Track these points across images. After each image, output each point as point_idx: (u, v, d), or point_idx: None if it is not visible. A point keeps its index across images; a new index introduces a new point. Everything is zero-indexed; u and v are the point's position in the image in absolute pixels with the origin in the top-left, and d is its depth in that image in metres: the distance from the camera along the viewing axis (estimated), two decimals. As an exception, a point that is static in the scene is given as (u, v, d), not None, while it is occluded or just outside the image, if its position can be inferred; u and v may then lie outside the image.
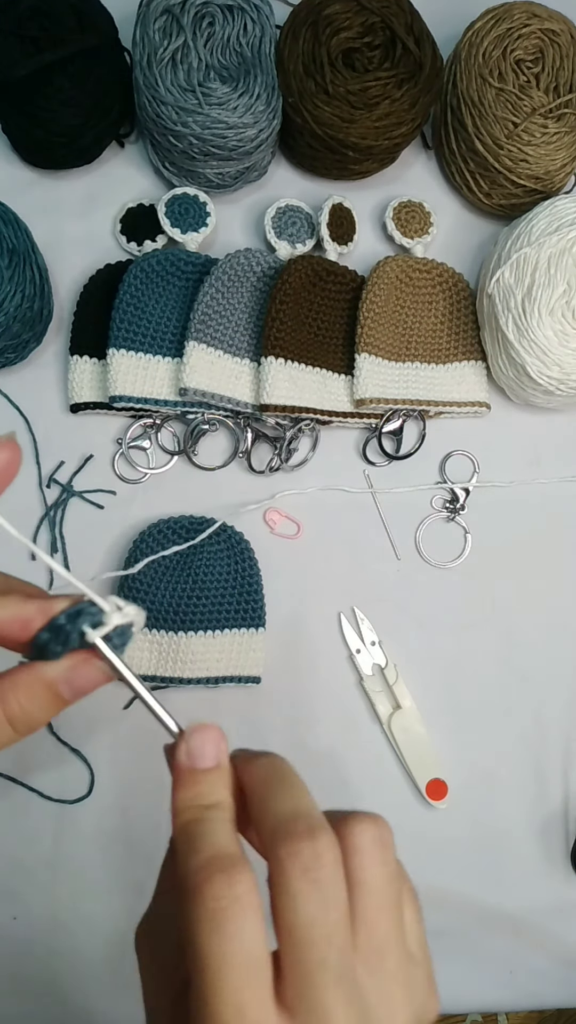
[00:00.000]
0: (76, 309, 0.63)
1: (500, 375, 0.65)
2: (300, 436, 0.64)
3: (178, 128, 0.58)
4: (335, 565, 0.63)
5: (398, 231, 0.66)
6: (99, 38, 0.58)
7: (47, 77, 0.57)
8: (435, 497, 0.66)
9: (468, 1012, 1.09)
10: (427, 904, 0.30)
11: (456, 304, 0.67)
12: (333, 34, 0.61)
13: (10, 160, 0.65)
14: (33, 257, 0.58)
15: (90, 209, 0.66)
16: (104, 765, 0.59)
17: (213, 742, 0.29)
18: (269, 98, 0.60)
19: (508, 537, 0.66)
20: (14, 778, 0.58)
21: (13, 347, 0.59)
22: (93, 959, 0.56)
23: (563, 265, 0.59)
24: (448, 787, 0.60)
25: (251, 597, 0.60)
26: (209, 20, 0.60)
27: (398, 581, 0.64)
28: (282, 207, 0.65)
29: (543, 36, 0.63)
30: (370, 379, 0.63)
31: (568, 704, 0.64)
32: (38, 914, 0.57)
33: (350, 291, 0.65)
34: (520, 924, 0.60)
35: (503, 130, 0.62)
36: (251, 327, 0.63)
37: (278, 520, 0.64)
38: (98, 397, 0.61)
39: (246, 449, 0.64)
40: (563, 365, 0.60)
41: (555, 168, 0.63)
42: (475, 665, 0.63)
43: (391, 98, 0.60)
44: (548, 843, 0.62)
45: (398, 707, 0.61)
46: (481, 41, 0.62)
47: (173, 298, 0.62)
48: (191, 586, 0.59)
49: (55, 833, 0.58)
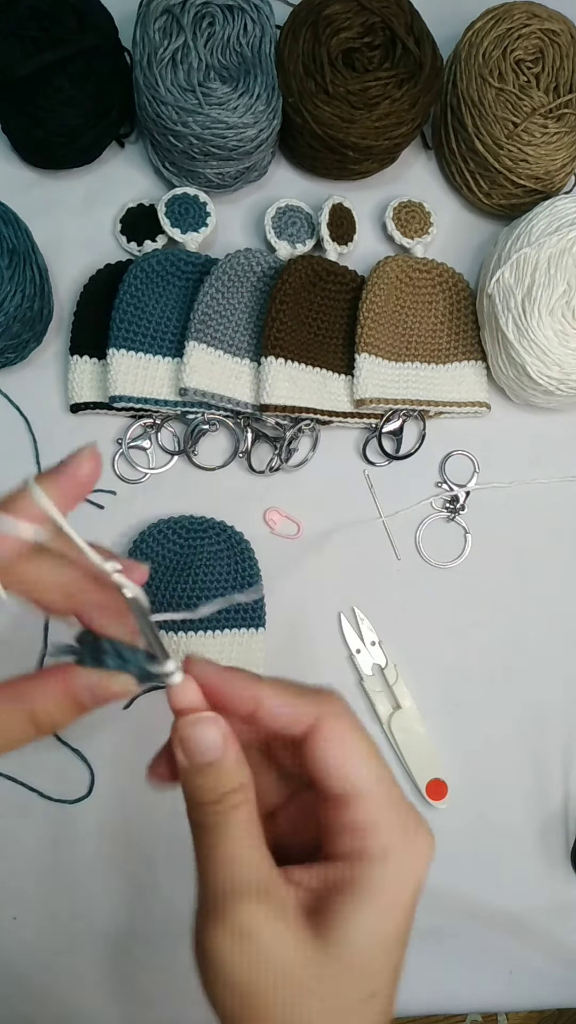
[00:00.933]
0: (76, 309, 0.63)
1: (500, 375, 0.65)
2: (300, 436, 0.64)
3: (178, 128, 0.58)
4: (335, 565, 0.63)
5: (398, 231, 0.66)
6: (99, 38, 0.58)
7: (47, 77, 0.57)
8: (435, 497, 0.66)
9: (468, 1012, 1.09)
10: (427, 904, 0.30)
11: (456, 304, 0.67)
12: (333, 34, 0.61)
13: (10, 160, 0.65)
14: (33, 257, 0.58)
15: (90, 209, 0.66)
16: (104, 765, 0.59)
17: (210, 732, 0.28)
18: (269, 98, 0.60)
19: (508, 537, 0.66)
20: (14, 778, 0.58)
21: (13, 347, 0.59)
22: (93, 959, 0.56)
23: (563, 265, 0.59)
24: (448, 787, 0.60)
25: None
26: (209, 20, 0.60)
27: (398, 581, 0.64)
28: (282, 207, 0.65)
29: (543, 36, 0.63)
30: (370, 379, 0.63)
31: (568, 704, 0.64)
32: (38, 914, 0.57)
33: (350, 291, 0.65)
34: (520, 924, 0.60)
35: (503, 130, 0.62)
36: (251, 327, 0.63)
37: (278, 520, 0.64)
38: (98, 397, 0.61)
39: (246, 449, 0.64)
40: (563, 365, 0.60)
41: (555, 168, 0.63)
42: (475, 665, 0.63)
43: (391, 98, 0.60)
44: (548, 843, 0.62)
45: (398, 707, 0.61)
46: (481, 41, 0.62)
47: (173, 298, 0.62)
48: (191, 586, 0.59)
49: (55, 833, 0.58)
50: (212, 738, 0.28)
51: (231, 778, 0.28)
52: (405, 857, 0.29)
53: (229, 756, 0.28)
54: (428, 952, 0.58)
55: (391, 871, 0.28)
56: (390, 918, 0.28)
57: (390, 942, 0.28)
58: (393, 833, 0.29)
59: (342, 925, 0.28)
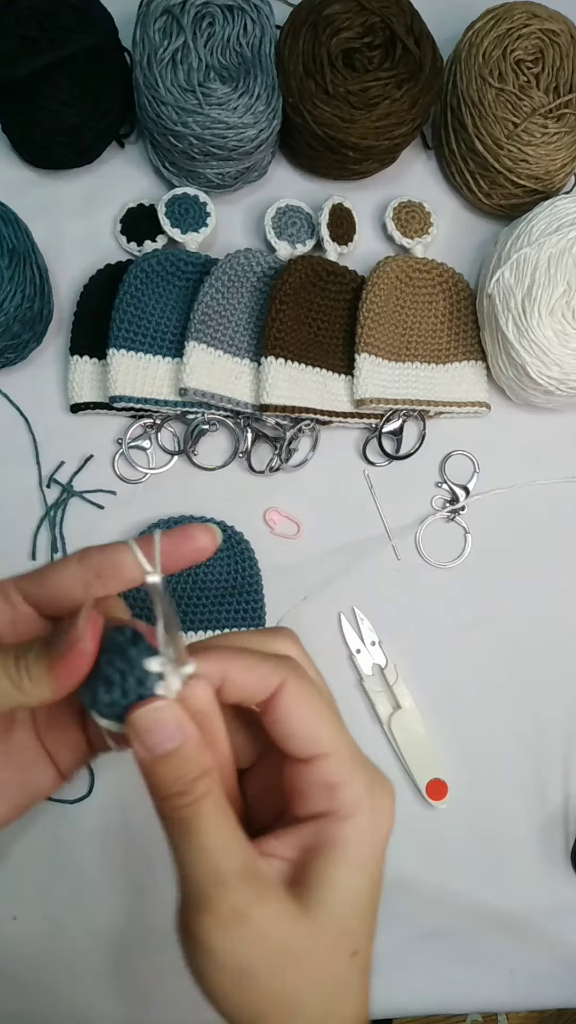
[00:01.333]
0: (76, 309, 0.63)
1: (500, 375, 0.65)
2: (300, 436, 0.64)
3: (178, 128, 0.58)
4: (335, 565, 0.63)
5: (398, 231, 0.66)
6: (99, 38, 0.58)
7: (47, 77, 0.57)
8: (435, 497, 0.66)
9: (468, 1012, 1.09)
10: (427, 904, 0.31)
11: (456, 304, 0.67)
12: (333, 34, 0.61)
13: (10, 160, 0.65)
14: (33, 257, 0.58)
15: (90, 209, 0.66)
16: (104, 765, 0.59)
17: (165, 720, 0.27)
18: (269, 98, 0.60)
19: (508, 537, 0.66)
20: (14, 778, 0.58)
21: (13, 347, 0.59)
22: (93, 959, 0.56)
23: (563, 265, 0.59)
24: (448, 787, 0.60)
25: (251, 597, 0.60)
26: (209, 20, 0.60)
27: (398, 581, 0.64)
28: (282, 207, 0.65)
29: (543, 36, 0.63)
30: (370, 379, 0.63)
31: (568, 704, 0.64)
32: (38, 914, 0.57)
33: (350, 291, 0.65)
34: (520, 924, 0.60)
35: (503, 130, 0.62)
36: (251, 327, 0.63)
37: (278, 520, 0.64)
38: (98, 397, 0.61)
39: (246, 449, 0.64)
40: (563, 365, 0.60)
41: (555, 168, 0.63)
42: (475, 665, 0.63)
43: (391, 98, 0.60)
44: (548, 843, 0.62)
45: (398, 707, 0.61)
46: (481, 41, 0.62)
47: (173, 298, 0.62)
48: (191, 586, 0.59)
49: (55, 833, 0.58)
50: (169, 726, 0.27)
51: (194, 765, 0.27)
52: (372, 812, 0.29)
53: (189, 742, 0.27)
54: (428, 952, 0.58)
55: (361, 826, 0.29)
56: (365, 873, 0.29)
57: (366, 899, 0.29)
58: (359, 789, 0.29)
59: (321, 887, 0.28)
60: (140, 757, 0.28)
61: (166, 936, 0.58)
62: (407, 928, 0.59)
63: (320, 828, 0.29)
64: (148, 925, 0.57)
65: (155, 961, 0.56)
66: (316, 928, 0.28)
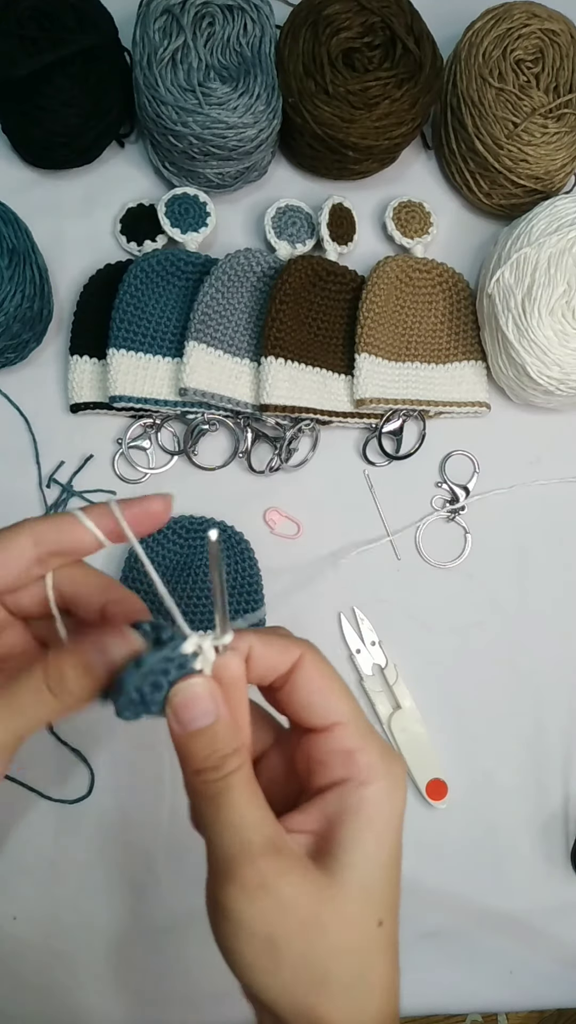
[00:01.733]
0: (76, 309, 0.63)
1: (500, 375, 0.65)
2: (300, 436, 0.64)
3: (178, 128, 0.58)
4: (335, 565, 0.63)
5: (398, 231, 0.66)
6: (99, 38, 0.58)
7: (47, 77, 0.57)
8: (435, 497, 0.66)
9: (468, 1012, 1.08)
10: (427, 904, 0.31)
11: (456, 304, 0.67)
12: (333, 34, 0.61)
13: (10, 160, 0.65)
14: (33, 257, 0.58)
15: (90, 209, 0.66)
16: (104, 765, 0.59)
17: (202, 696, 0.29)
18: (269, 98, 0.60)
19: (508, 537, 0.66)
20: (14, 778, 0.58)
21: (13, 347, 0.59)
22: (93, 959, 0.56)
23: (563, 265, 0.59)
24: (448, 787, 0.60)
25: (251, 597, 0.60)
26: (209, 20, 0.60)
27: (398, 581, 0.64)
28: (282, 207, 0.65)
29: (543, 36, 0.63)
30: (370, 379, 0.63)
31: (568, 704, 0.64)
32: (38, 914, 0.57)
33: (350, 291, 0.65)
34: (520, 924, 0.60)
35: (503, 130, 0.62)
36: (251, 327, 0.63)
37: (278, 520, 0.64)
38: (98, 397, 0.61)
39: (246, 449, 0.64)
40: (563, 365, 0.60)
41: (555, 168, 0.63)
42: (475, 665, 0.63)
43: (391, 98, 0.60)
44: (548, 843, 0.62)
45: (398, 707, 0.61)
46: (481, 41, 0.62)
47: (173, 298, 0.62)
48: (191, 586, 0.59)
49: (55, 833, 0.58)
50: (204, 700, 0.28)
51: (227, 742, 0.29)
52: (389, 779, 0.31)
53: (223, 719, 0.29)
54: (428, 952, 0.58)
55: (380, 791, 0.30)
56: (386, 840, 0.30)
57: (389, 866, 0.30)
58: (375, 755, 0.31)
59: (346, 855, 0.29)
60: (175, 732, 0.29)
61: (166, 936, 0.58)
62: (407, 928, 0.58)
63: (341, 796, 0.30)
64: (148, 925, 0.57)
65: (155, 961, 0.56)
66: (342, 895, 0.28)
